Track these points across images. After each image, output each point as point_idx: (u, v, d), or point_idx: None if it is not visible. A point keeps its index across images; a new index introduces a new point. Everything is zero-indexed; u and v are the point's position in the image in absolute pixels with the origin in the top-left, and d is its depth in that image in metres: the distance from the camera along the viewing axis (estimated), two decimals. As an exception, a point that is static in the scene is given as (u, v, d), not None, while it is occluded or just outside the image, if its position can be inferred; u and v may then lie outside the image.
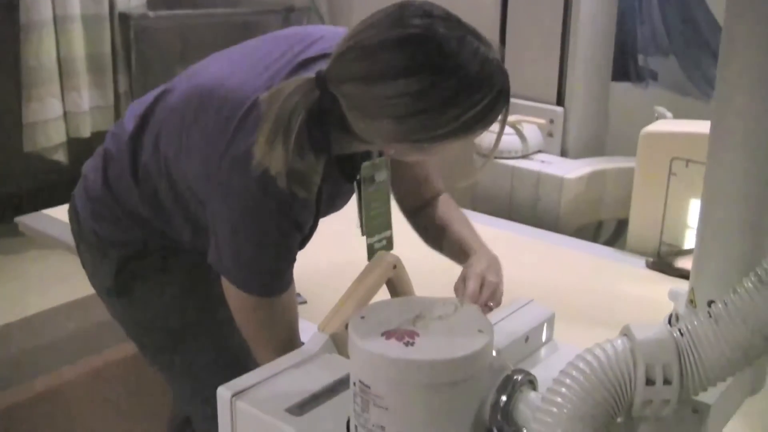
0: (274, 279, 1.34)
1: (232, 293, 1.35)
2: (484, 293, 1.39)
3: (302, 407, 1.11)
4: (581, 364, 0.89)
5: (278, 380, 1.16)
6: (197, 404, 1.58)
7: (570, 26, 2.71)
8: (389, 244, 1.56)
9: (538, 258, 2.27)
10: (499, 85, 1.19)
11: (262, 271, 1.33)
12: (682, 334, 0.89)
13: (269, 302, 1.35)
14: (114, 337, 2.07)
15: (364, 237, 1.50)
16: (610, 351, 0.89)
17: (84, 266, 1.59)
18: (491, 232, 2.42)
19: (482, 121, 1.20)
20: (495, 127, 1.26)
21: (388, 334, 0.99)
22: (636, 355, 0.88)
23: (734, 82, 0.99)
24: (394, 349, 0.97)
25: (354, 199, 1.48)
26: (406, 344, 0.97)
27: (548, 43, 2.75)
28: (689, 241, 2.19)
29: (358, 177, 1.43)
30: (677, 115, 2.44)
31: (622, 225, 2.85)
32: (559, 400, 0.88)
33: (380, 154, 1.45)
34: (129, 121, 1.45)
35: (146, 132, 1.42)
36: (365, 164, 1.43)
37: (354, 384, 1.00)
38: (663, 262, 2.17)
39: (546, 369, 1.18)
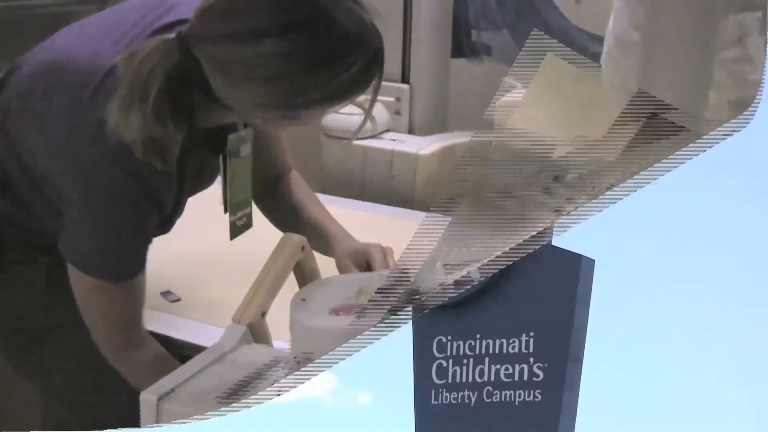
0: (127, 262, 1.25)
1: (77, 278, 1.24)
2: (390, 261, 1.36)
3: (232, 395, 1.04)
4: None
5: (203, 377, 1.09)
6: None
7: (411, 3, 2.71)
8: (249, 221, 1.46)
9: (403, 238, 2.26)
10: (375, 47, 1.14)
11: (114, 254, 1.24)
12: None
13: (119, 287, 1.24)
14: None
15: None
16: None
17: None
18: (345, 213, 2.39)
19: (356, 85, 1.15)
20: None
21: (336, 311, 0.95)
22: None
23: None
24: (347, 323, 0.92)
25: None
26: (359, 317, 0.93)
27: (390, 20, 2.74)
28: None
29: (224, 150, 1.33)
30: (518, 87, 2.49)
31: (470, 198, 2.89)
32: None
33: (246, 126, 1.35)
34: None
35: None
36: (232, 136, 1.32)
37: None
38: (527, 228, 2.21)
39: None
